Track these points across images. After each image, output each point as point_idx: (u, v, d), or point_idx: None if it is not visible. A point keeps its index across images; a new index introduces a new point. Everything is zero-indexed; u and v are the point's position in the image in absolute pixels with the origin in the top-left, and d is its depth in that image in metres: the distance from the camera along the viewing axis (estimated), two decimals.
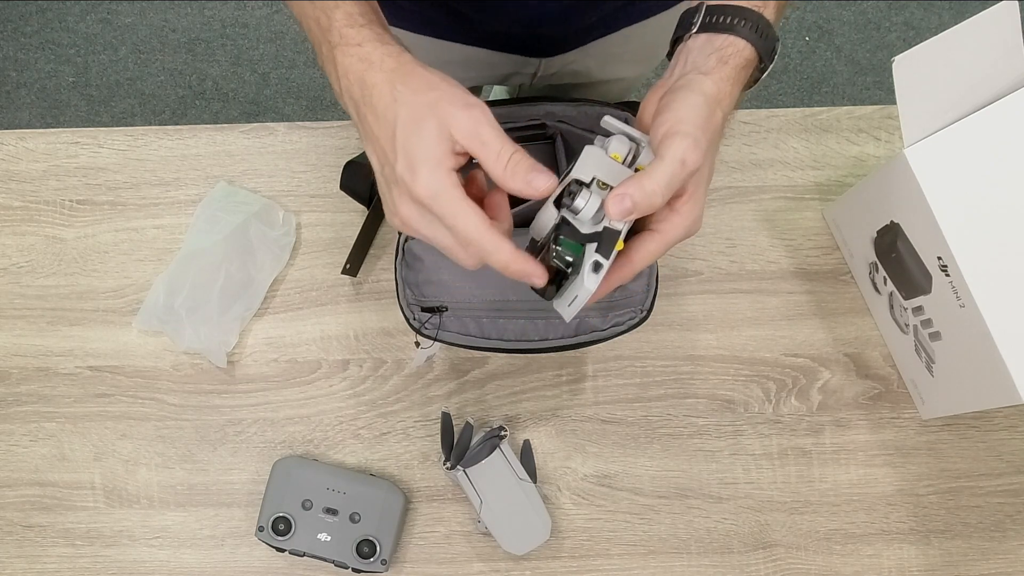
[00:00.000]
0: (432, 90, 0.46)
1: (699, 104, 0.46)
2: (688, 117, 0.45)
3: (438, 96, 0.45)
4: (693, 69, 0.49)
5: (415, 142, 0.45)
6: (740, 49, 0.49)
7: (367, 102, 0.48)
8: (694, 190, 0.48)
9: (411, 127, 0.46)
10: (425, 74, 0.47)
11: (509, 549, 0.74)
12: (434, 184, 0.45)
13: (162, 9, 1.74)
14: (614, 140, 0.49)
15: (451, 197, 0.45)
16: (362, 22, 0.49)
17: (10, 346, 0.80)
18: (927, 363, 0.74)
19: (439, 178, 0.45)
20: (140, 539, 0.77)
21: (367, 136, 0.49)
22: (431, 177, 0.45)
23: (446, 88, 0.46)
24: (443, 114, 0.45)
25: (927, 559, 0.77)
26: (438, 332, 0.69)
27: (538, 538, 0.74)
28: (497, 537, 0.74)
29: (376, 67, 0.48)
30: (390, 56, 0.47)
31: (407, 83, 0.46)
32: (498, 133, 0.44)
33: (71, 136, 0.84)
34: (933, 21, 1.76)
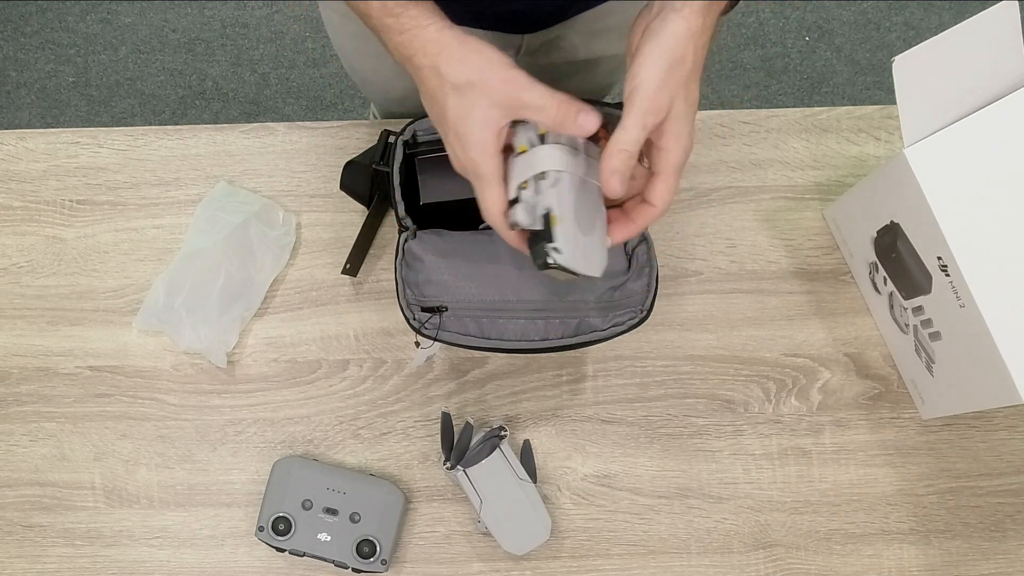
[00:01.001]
0: (474, 74, 0.50)
1: (664, 52, 0.50)
2: (650, 75, 0.50)
3: (480, 79, 0.50)
4: (668, 6, 0.51)
5: (465, 126, 0.52)
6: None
7: (418, 80, 0.54)
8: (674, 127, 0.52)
9: (460, 112, 0.52)
10: (464, 55, 0.51)
11: (509, 549, 0.74)
12: (478, 162, 0.52)
13: (162, 9, 1.74)
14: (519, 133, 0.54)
15: (486, 179, 0.52)
16: (397, 11, 0.53)
17: (10, 346, 0.80)
18: (927, 363, 0.74)
19: (482, 160, 0.52)
20: (140, 539, 0.77)
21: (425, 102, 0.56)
22: (477, 156, 0.52)
23: (485, 69, 0.50)
24: (486, 98, 0.51)
25: (927, 559, 0.77)
26: (438, 332, 0.69)
27: (538, 538, 0.74)
28: (497, 537, 0.74)
29: (419, 53, 0.52)
30: (430, 41, 0.51)
31: (450, 69, 0.51)
32: (538, 93, 0.50)
33: (71, 136, 0.84)
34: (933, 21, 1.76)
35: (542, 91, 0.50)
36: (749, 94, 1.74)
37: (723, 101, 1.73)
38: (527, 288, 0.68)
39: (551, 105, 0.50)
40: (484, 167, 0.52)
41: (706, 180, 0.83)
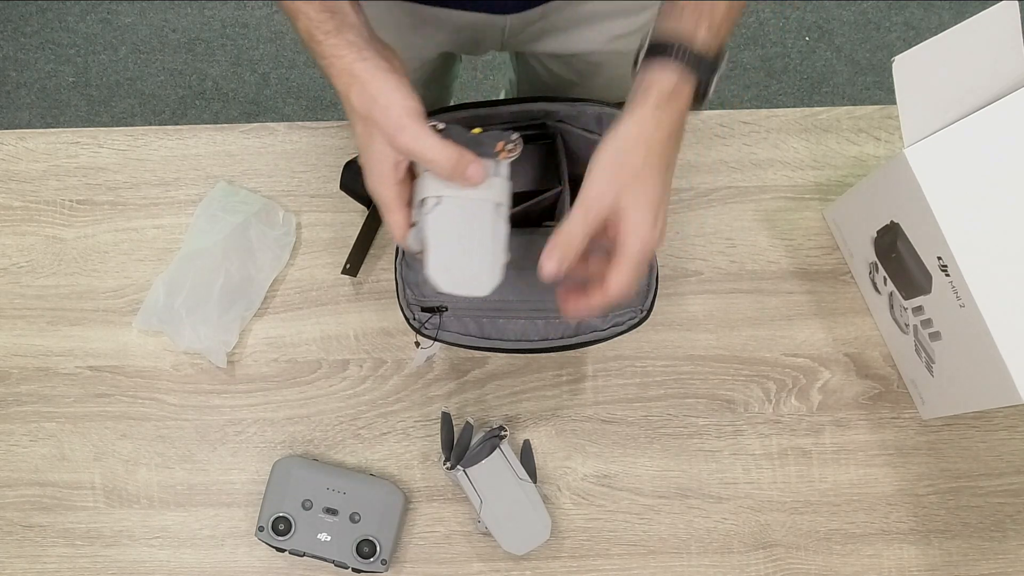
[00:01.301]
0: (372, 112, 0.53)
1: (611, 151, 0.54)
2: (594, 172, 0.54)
3: (377, 119, 0.53)
4: (627, 107, 0.55)
5: (366, 157, 0.56)
6: (658, 80, 0.54)
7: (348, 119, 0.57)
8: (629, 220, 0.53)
9: (362, 143, 0.56)
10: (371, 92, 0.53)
11: (509, 549, 0.74)
12: (377, 193, 0.56)
13: (162, 9, 1.74)
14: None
15: (386, 207, 0.56)
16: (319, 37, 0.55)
17: (10, 346, 0.80)
18: (927, 363, 0.74)
19: (381, 191, 0.56)
20: (140, 539, 0.77)
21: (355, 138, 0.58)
22: (376, 187, 0.56)
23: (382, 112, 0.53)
24: (382, 137, 0.54)
25: (927, 559, 0.77)
26: (438, 332, 0.69)
27: (538, 538, 0.74)
28: (497, 537, 0.74)
29: (335, 79, 0.55)
30: (344, 72, 0.54)
31: (355, 102, 0.54)
32: (427, 147, 0.52)
33: (71, 136, 0.84)
34: (933, 21, 1.76)
35: (431, 145, 0.52)
36: (749, 94, 1.74)
37: (723, 101, 1.73)
38: (527, 288, 0.68)
39: (440, 160, 0.52)
40: (382, 196, 0.56)
41: (706, 180, 0.83)
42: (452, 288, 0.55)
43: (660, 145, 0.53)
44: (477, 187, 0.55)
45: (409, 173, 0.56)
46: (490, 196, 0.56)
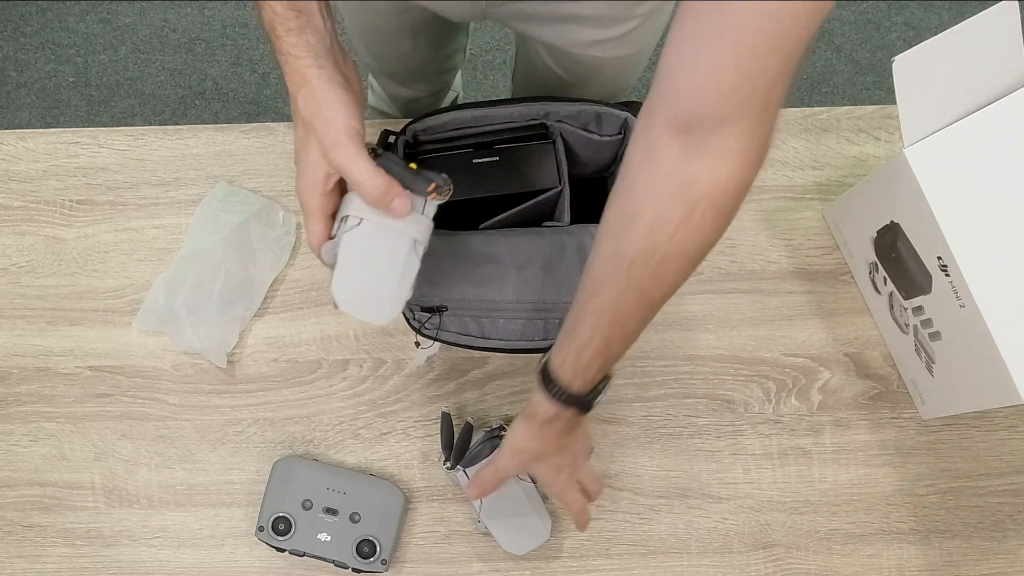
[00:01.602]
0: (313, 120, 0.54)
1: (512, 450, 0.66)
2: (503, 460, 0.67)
3: (316, 127, 0.54)
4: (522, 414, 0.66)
5: (300, 160, 0.56)
6: (542, 408, 0.62)
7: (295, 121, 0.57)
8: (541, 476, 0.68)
9: (299, 147, 0.56)
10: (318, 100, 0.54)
11: (509, 549, 0.74)
12: (303, 199, 0.57)
13: (162, 9, 1.74)
14: None
15: (308, 214, 0.57)
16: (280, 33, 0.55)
17: (10, 346, 0.80)
18: (927, 363, 0.74)
19: (306, 198, 0.56)
20: (140, 539, 0.77)
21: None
22: (303, 193, 0.57)
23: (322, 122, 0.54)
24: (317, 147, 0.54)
25: (927, 559, 0.77)
26: (438, 332, 0.69)
27: (538, 538, 0.74)
28: (497, 537, 0.74)
29: (288, 78, 0.56)
30: (297, 73, 0.55)
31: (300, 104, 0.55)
32: (358, 169, 0.53)
33: (71, 136, 0.84)
34: (933, 21, 1.76)
35: (363, 168, 0.53)
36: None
37: None
38: (527, 288, 0.68)
39: (367, 185, 0.53)
40: (307, 203, 0.56)
41: None
42: (348, 309, 0.57)
43: (548, 446, 0.65)
44: (400, 219, 0.55)
45: (339, 187, 0.57)
46: (410, 231, 0.56)
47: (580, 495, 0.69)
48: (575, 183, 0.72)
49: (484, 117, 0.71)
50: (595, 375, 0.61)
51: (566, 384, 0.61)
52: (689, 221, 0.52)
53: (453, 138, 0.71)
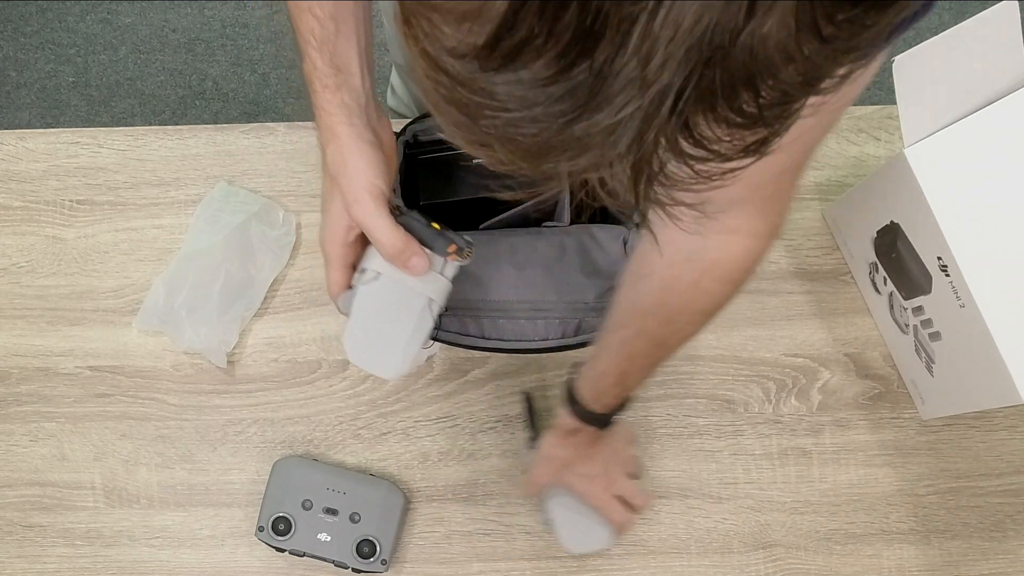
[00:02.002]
0: (340, 174, 0.55)
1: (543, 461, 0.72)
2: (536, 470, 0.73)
3: (342, 183, 0.55)
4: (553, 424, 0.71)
5: (325, 211, 0.58)
6: (565, 420, 0.68)
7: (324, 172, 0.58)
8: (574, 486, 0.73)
9: (325, 198, 0.58)
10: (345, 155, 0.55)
11: (566, 544, 0.74)
12: (325, 248, 0.58)
13: (162, 9, 1.74)
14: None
15: (329, 263, 0.58)
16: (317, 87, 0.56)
17: (10, 346, 0.80)
18: (927, 363, 0.74)
19: (328, 247, 0.58)
20: (140, 539, 0.77)
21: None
22: (325, 243, 0.58)
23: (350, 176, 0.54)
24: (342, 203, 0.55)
25: (927, 559, 0.77)
26: (438, 332, 0.69)
27: (598, 543, 0.74)
28: (558, 529, 0.73)
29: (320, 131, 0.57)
30: (327, 129, 0.55)
31: (331, 157, 0.56)
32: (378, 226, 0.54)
33: (71, 136, 0.83)
34: (933, 21, 1.76)
35: (382, 225, 0.54)
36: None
37: None
38: (527, 288, 0.68)
39: (385, 243, 0.54)
40: (328, 252, 0.58)
41: None
42: (357, 361, 0.58)
43: (575, 455, 0.70)
44: (418, 277, 0.56)
45: (360, 239, 0.57)
46: (426, 290, 0.57)
47: (620, 507, 0.72)
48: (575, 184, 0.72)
49: None
50: (613, 400, 0.66)
51: (587, 404, 0.66)
52: (698, 286, 0.57)
53: None
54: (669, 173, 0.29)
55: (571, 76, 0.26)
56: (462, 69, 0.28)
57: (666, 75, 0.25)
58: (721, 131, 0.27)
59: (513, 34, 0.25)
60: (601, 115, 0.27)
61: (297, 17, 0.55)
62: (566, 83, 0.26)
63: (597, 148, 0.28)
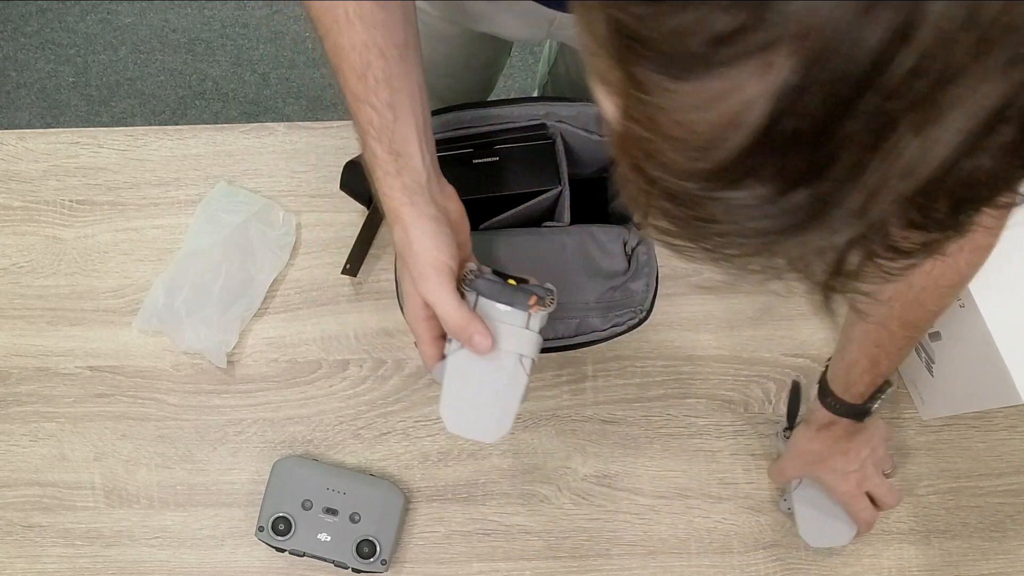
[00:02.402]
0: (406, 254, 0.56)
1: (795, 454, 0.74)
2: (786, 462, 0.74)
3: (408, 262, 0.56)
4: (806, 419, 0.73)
5: (402, 287, 0.59)
6: (820, 414, 0.70)
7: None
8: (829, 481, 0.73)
9: (400, 275, 0.61)
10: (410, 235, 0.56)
11: (805, 537, 0.74)
12: (411, 324, 0.59)
13: (162, 9, 1.74)
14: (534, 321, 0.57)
15: (418, 337, 0.59)
16: (378, 174, 0.57)
17: (10, 346, 0.80)
18: (927, 363, 0.74)
19: (414, 323, 0.58)
20: (140, 539, 0.77)
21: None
22: (412, 321, 0.59)
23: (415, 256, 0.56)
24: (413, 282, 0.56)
25: (927, 559, 0.77)
26: None
27: (837, 540, 0.74)
28: (800, 520, 0.74)
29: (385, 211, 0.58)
30: (391, 211, 0.57)
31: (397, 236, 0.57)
32: (443, 303, 0.55)
33: (71, 136, 0.83)
34: None
35: (445, 302, 0.55)
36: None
37: None
38: None
39: (448, 320, 0.55)
40: (414, 328, 0.59)
41: None
42: (455, 430, 0.58)
43: (829, 449, 0.71)
44: (503, 337, 0.56)
45: None
46: (515, 348, 0.57)
47: (868, 503, 0.72)
48: (575, 183, 0.72)
49: (484, 117, 0.71)
50: (866, 389, 0.67)
51: (840, 395, 0.68)
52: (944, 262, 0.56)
53: (453, 138, 0.71)
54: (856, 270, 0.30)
55: (789, 199, 0.26)
56: (678, 188, 0.28)
57: (888, 208, 0.26)
58: (916, 236, 0.28)
59: (743, 166, 0.26)
60: (813, 236, 0.27)
61: (356, 110, 0.56)
62: (783, 204, 0.26)
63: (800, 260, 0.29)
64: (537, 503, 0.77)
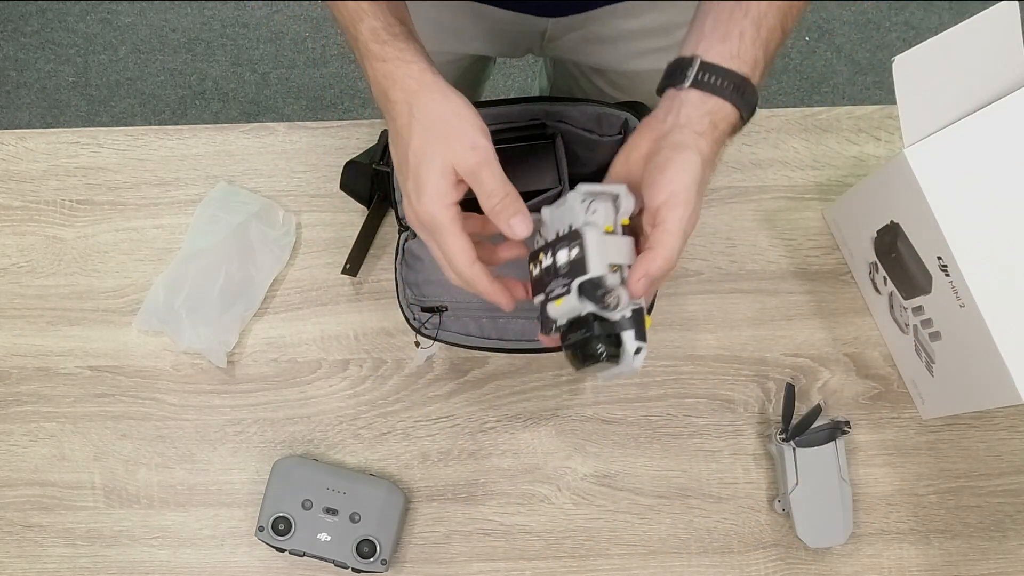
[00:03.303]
0: (444, 125, 0.50)
1: (697, 167, 0.50)
2: (687, 183, 0.50)
3: (448, 132, 0.50)
4: (687, 124, 0.52)
5: (424, 170, 0.50)
6: (728, 115, 0.52)
7: (389, 115, 0.52)
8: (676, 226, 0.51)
9: (421, 155, 0.51)
10: (440, 104, 0.50)
11: (803, 537, 0.74)
12: (434, 213, 0.51)
13: (162, 9, 1.74)
14: (600, 209, 0.52)
15: (446, 228, 0.51)
16: (385, 38, 0.52)
17: (10, 346, 0.80)
18: (927, 363, 0.74)
19: (439, 209, 0.50)
20: (140, 539, 0.77)
21: (391, 139, 0.53)
22: (432, 207, 0.50)
23: (456, 124, 0.50)
24: (450, 152, 0.50)
25: (927, 559, 0.77)
26: (438, 332, 0.69)
27: (835, 539, 0.75)
28: (797, 521, 0.74)
29: (398, 86, 0.51)
30: (411, 77, 0.51)
31: (423, 110, 0.50)
32: (493, 174, 0.49)
33: (71, 136, 0.84)
34: (933, 21, 1.76)
35: (498, 175, 0.50)
36: None
37: None
38: None
39: (498, 193, 0.49)
40: (441, 216, 0.50)
41: None
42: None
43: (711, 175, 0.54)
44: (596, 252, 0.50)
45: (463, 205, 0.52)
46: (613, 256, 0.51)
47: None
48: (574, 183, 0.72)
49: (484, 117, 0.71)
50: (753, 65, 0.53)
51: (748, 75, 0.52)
52: None
53: None
54: None
55: None
56: None
57: None
58: None
59: None
60: None
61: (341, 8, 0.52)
62: None
63: None
64: (537, 503, 0.77)
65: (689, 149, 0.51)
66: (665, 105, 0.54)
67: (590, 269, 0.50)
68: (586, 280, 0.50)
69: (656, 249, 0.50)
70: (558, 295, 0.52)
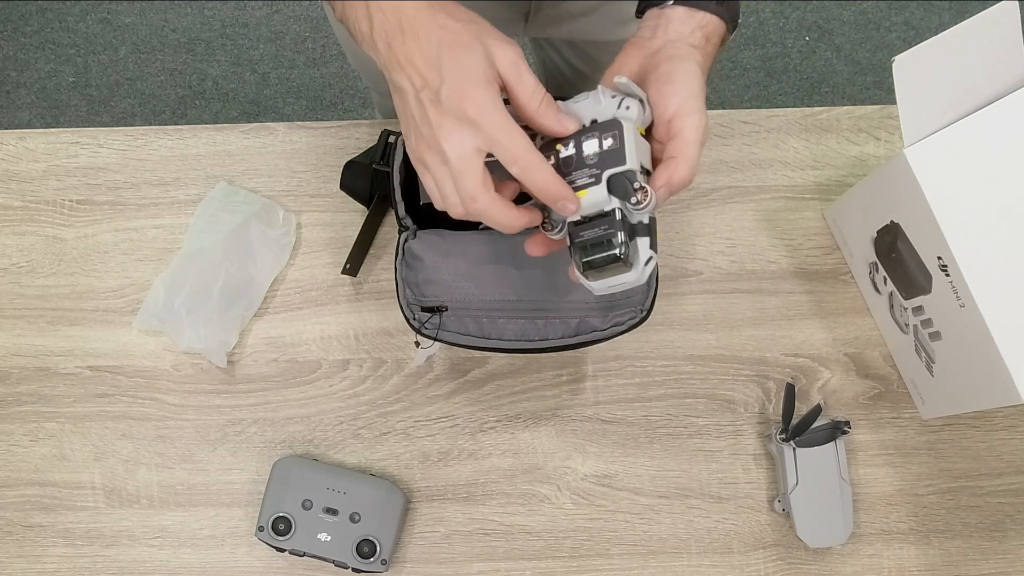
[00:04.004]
0: (475, 21, 0.48)
1: (698, 76, 0.51)
2: (696, 91, 0.50)
3: (481, 27, 0.47)
4: (679, 39, 0.53)
5: (464, 64, 0.47)
6: (717, 27, 0.54)
7: (406, 30, 0.48)
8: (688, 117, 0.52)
9: (458, 50, 0.47)
10: (463, 7, 0.48)
11: (803, 537, 0.74)
12: (486, 101, 0.46)
13: (162, 9, 1.74)
14: (633, 107, 0.51)
15: (501, 113, 0.47)
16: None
17: (10, 346, 0.80)
18: (927, 363, 0.74)
19: (490, 96, 0.47)
20: (140, 539, 0.77)
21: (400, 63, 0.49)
22: (483, 95, 0.46)
23: (486, 22, 0.48)
24: (487, 43, 0.47)
25: (927, 559, 0.77)
26: (438, 332, 0.69)
27: (834, 539, 0.75)
28: (797, 521, 0.74)
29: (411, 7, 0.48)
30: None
31: (449, 12, 0.47)
32: (530, 71, 0.47)
33: (71, 136, 0.84)
34: (933, 21, 1.76)
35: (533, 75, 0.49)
36: (749, 94, 1.74)
37: (723, 101, 1.73)
38: (527, 288, 0.68)
39: (540, 90, 0.48)
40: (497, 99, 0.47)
41: (706, 180, 0.83)
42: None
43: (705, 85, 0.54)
44: None
45: None
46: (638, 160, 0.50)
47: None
48: None
49: None
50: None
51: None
52: None
53: None
54: None
55: None
56: None
57: None
58: None
59: None
60: None
61: None
62: None
63: None
64: (537, 503, 0.77)
65: (689, 60, 0.51)
66: (650, 24, 0.54)
67: (628, 160, 0.49)
68: (620, 172, 0.48)
69: (678, 159, 0.49)
70: (583, 185, 0.49)
